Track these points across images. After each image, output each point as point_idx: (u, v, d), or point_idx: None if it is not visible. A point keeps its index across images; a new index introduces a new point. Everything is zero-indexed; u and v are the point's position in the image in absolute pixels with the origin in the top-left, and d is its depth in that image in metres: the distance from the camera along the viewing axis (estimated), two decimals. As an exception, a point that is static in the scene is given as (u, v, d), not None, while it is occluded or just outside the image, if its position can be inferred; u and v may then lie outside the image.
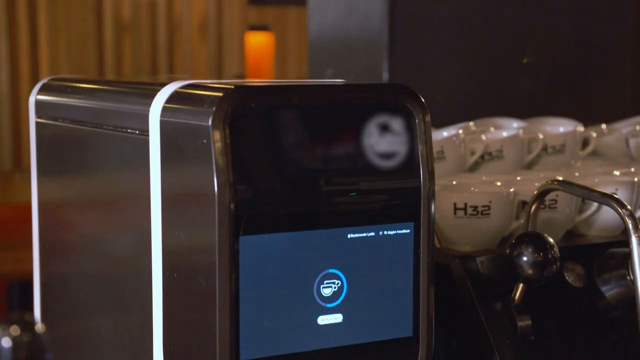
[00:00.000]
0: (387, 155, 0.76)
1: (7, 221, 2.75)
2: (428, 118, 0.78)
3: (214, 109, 0.71)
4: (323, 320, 0.74)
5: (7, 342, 0.40)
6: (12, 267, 2.54)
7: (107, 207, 0.88)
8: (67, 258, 0.96)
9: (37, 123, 0.97)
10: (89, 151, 0.90)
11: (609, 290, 0.95)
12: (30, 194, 1.00)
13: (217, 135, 0.71)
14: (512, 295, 0.91)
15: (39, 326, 0.42)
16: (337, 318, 0.75)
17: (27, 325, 0.41)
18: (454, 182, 1.05)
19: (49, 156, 0.97)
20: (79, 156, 0.92)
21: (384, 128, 0.76)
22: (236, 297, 0.71)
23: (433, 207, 0.78)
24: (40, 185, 0.99)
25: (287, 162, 0.74)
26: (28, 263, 1.02)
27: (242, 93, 0.73)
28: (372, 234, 0.76)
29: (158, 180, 0.77)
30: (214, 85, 0.75)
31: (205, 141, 0.71)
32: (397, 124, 0.77)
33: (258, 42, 3.33)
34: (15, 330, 0.40)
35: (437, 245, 0.99)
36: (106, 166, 0.88)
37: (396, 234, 0.77)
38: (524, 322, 0.91)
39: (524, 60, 1.33)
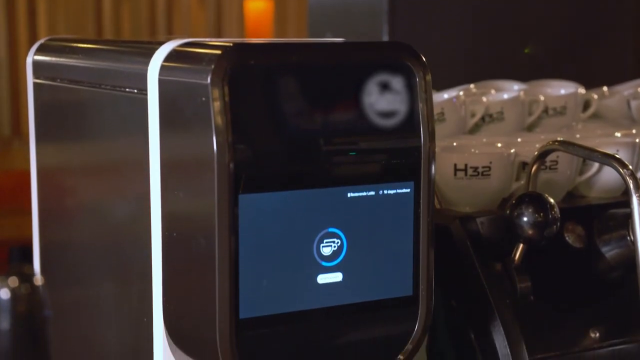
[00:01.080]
0: (388, 114, 0.76)
1: (6, 188, 2.75)
2: (429, 77, 0.78)
3: (212, 66, 0.70)
4: (323, 279, 0.74)
5: (5, 294, 0.40)
6: (12, 232, 2.54)
7: (105, 168, 0.88)
8: (67, 218, 0.96)
9: (34, 84, 0.97)
10: (87, 112, 0.90)
11: (609, 251, 0.95)
12: (29, 161, 0.99)
13: (216, 93, 0.70)
14: (512, 255, 0.91)
15: (38, 278, 0.42)
16: (337, 277, 0.75)
17: (26, 277, 0.41)
18: (454, 144, 1.04)
19: (47, 118, 0.97)
20: (78, 117, 0.92)
21: (384, 87, 0.76)
22: (236, 256, 0.71)
23: (433, 166, 0.78)
24: (38, 147, 0.98)
25: (287, 121, 0.73)
26: (28, 229, 1.02)
27: (242, 51, 0.72)
28: (372, 193, 0.76)
29: (157, 139, 0.77)
30: (213, 44, 0.75)
31: (204, 99, 0.70)
32: (397, 82, 0.76)
33: (257, 9, 3.30)
34: (13, 281, 0.40)
35: (437, 206, 0.99)
36: (104, 126, 0.87)
37: (396, 193, 0.77)
38: (523, 283, 0.91)
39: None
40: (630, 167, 0.86)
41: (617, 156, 0.87)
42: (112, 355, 0.87)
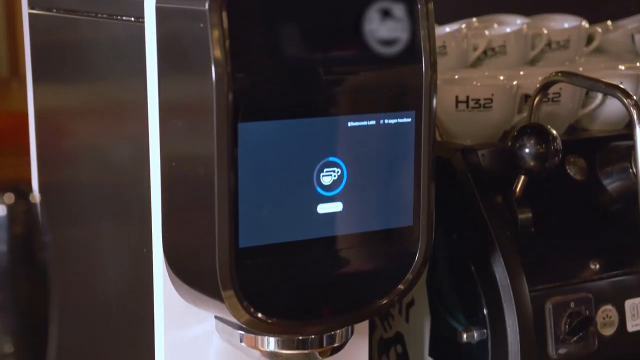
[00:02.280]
0: (389, 42, 0.75)
1: (5, 129, 2.74)
2: (431, 5, 0.76)
3: (210, -8, 0.69)
4: (323, 208, 0.74)
5: (2, 210, 0.39)
6: (11, 174, 2.53)
7: (103, 98, 0.87)
8: (65, 153, 0.96)
9: (30, 14, 0.95)
10: (84, 42, 0.89)
11: (611, 184, 0.95)
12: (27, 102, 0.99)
13: (214, 19, 0.69)
14: (513, 188, 0.90)
15: (35, 195, 0.41)
16: (337, 207, 0.74)
17: (23, 194, 0.40)
18: (456, 77, 1.03)
19: (43, 51, 0.95)
20: (74, 48, 0.90)
21: (386, 14, 0.74)
22: (235, 184, 0.70)
23: (435, 95, 0.77)
24: (35, 80, 0.97)
25: (287, 48, 0.72)
26: (27, 170, 1.02)
27: (240, -24, 0.71)
28: (373, 122, 0.75)
29: (155, 68, 0.75)
30: (211, -31, 0.73)
31: (202, 26, 0.69)
32: (398, 9, 0.75)
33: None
34: (9, 198, 0.39)
35: (439, 138, 0.98)
36: (101, 56, 0.86)
37: (397, 122, 0.76)
38: (524, 215, 0.91)
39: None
40: (635, 97, 0.85)
41: (621, 86, 0.86)
42: (112, 286, 0.87)
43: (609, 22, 1.28)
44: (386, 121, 0.75)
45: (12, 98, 3.25)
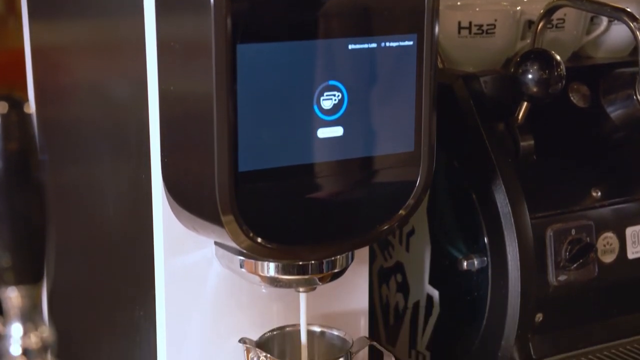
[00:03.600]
0: (390, -37, 0.73)
1: (1, 66, 2.72)
2: None
3: None
4: (323, 133, 0.73)
5: (-5, 121, 0.38)
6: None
7: (100, 31, 0.85)
8: (62, 85, 0.94)
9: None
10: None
11: (614, 111, 0.94)
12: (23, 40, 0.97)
13: (211, -62, 0.67)
14: (516, 114, 0.89)
15: (29, 105, 0.40)
16: (338, 131, 0.74)
17: (16, 103, 0.39)
18: (458, 3, 1.01)
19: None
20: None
21: None
22: (234, 108, 0.69)
23: (437, 19, 0.75)
24: (31, 17, 0.96)
25: (286, -31, 0.70)
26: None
27: None
28: (374, 45, 0.74)
29: (151, -7, 0.74)
30: None
31: (199, -54, 0.67)
32: None
33: None
34: (3, 107, 0.38)
35: (440, 65, 0.97)
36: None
37: (399, 46, 0.75)
38: (526, 142, 0.90)
39: None
40: (641, 21, 0.83)
41: (627, 10, 0.84)
42: (112, 214, 0.87)
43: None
44: (387, 44, 0.74)
45: (8, 35, 3.21)
